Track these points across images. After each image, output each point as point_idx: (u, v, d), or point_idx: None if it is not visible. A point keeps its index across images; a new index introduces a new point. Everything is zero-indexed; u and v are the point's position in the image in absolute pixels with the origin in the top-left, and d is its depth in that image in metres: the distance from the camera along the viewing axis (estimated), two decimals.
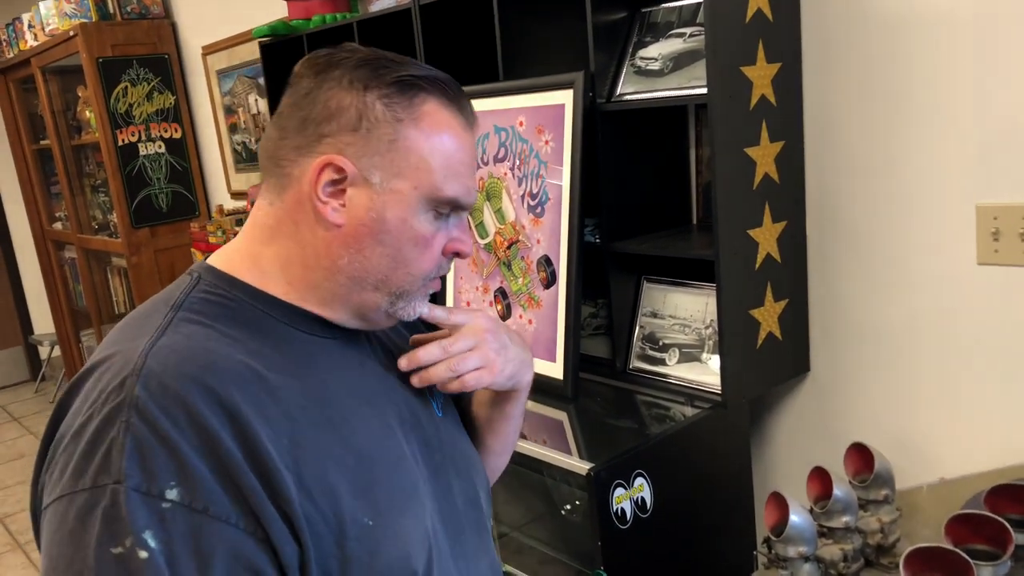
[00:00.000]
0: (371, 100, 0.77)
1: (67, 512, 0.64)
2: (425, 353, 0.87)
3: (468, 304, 1.98)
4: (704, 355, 1.67)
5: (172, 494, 0.64)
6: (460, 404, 1.03)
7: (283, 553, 0.68)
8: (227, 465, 0.66)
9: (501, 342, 0.92)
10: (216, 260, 0.83)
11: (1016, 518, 1.20)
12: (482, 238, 1.92)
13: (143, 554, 0.62)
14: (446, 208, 0.81)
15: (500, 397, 0.99)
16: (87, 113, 4.04)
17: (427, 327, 0.98)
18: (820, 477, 1.37)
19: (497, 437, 1.03)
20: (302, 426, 0.72)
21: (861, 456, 1.42)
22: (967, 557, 1.08)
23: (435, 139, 0.78)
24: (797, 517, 1.26)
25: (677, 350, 1.72)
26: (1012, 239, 1.41)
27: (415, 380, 0.88)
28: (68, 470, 0.66)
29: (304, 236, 0.79)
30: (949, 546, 1.12)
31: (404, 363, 0.87)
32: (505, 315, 1.88)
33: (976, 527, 1.18)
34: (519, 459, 1.60)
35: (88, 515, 0.63)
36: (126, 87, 3.74)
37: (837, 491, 1.31)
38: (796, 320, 1.68)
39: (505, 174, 1.86)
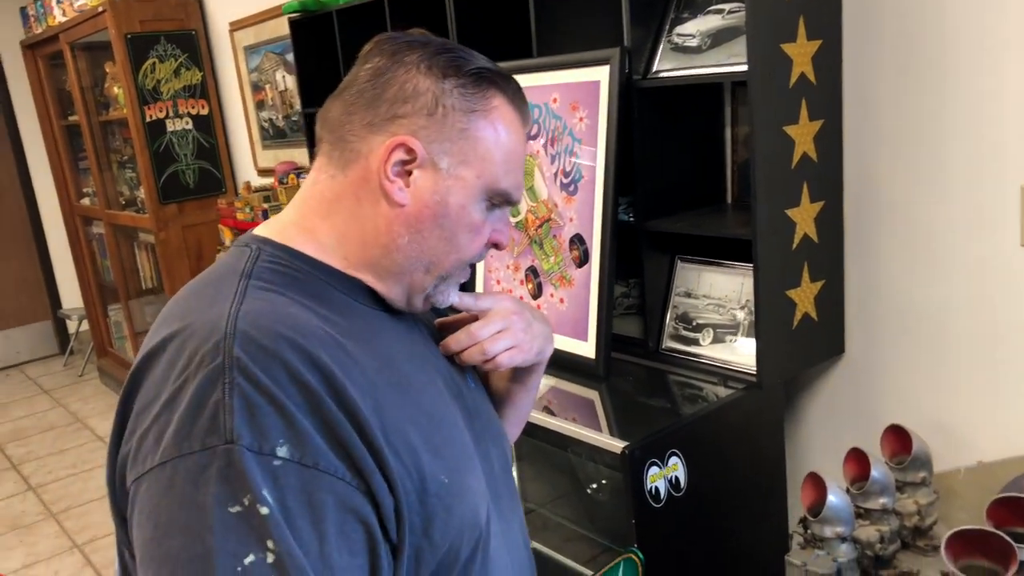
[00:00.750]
0: (448, 88, 0.79)
1: (174, 476, 0.65)
2: (455, 342, 0.91)
3: (499, 283, 1.98)
4: (739, 335, 1.66)
5: (283, 451, 0.65)
6: (483, 378, 1.06)
7: (383, 505, 0.70)
8: (329, 421, 0.68)
9: (526, 320, 0.96)
10: (269, 232, 0.83)
11: None
12: (513, 216, 1.92)
13: (264, 510, 0.63)
14: (499, 199, 0.84)
15: (522, 371, 1.02)
16: (115, 89, 4.06)
17: (452, 310, 1.00)
18: (857, 458, 1.36)
19: (516, 408, 1.07)
20: (380, 388, 0.74)
21: (898, 438, 1.41)
22: (1010, 540, 1.07)
23: (502, 133, 0.82)
24: (835, 497, 1.25)
25: (711, 330, 1.71)
26: None
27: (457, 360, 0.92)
28: (168, 436, 0.66)
29: (365, 212, 0.81)
30: (991, 528, 1.11)
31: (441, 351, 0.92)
32: (536, 294, 1.88)
33: (1017, 510, 1.17)
34: (550, 437, 1.60)
35: (200, 477, 0.64)
36: (154, 63, 3.75)
37: (875, 472, 1.31)
38: (832, 301, 1.67)
39: (538, 152, 1.85)
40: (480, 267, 2.04)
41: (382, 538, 0.70)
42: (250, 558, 0.63)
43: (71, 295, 5.52)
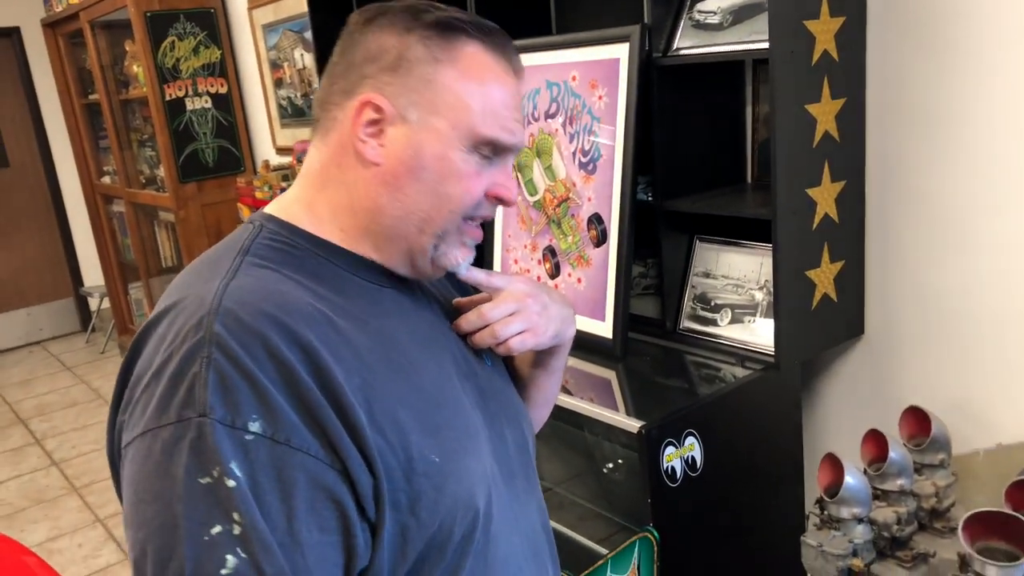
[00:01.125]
0: (412, 41, 0.79)
1: (152, 446, 0.67)
2: (465, 323, 0.90)
3: (516, 262, 1.98)
4: (757, 316, 1.66)
5: (255, 426, 0.66)
6: (504, 357, 1.04)
7: (359, 484, 0.70)
8: (306, 399, 0.68)
9: (542, 303, 0.93)
10: (274, 209, 0.85)
11: None
12: (531, 195, 1.91)
13: (231, 483, 0.64)
14: (486, 149, 0.81)
15: (543, 353, 1.01)
16: (135, 67, 4.08)
17: (474, 289, 1.00)
18: (875, 439, 1.35)
19: (540, 390, 1.05)
20: (371, 367, 0.74)
21: (917, 420, 1.41)
22: None
23: (473, 80, 0.79)
24: (852, 479, 1.25)
25: (729, 310, 1.70)
26: None
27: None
28: (151, 407, 0.68)
29: (348, 179, 0.81)
30: (1009, 511, 1.11)
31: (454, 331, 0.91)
32: (554, 273, 1.88)
33: None
34: (566, 416, 1.61)
35: (174, 447, 0.66)
36: (173, 41, 3.76)
37: (893, 454, 1.30)
38: (852, 282, 1.65)
39: (556, 130, 1.84)
40: (498, 246, 2.04)
41: (357, 517, 0.70)
42: (216, 529, 0.64)
43: (92, 273, 5.57)
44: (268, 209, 0.85)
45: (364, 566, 0.72)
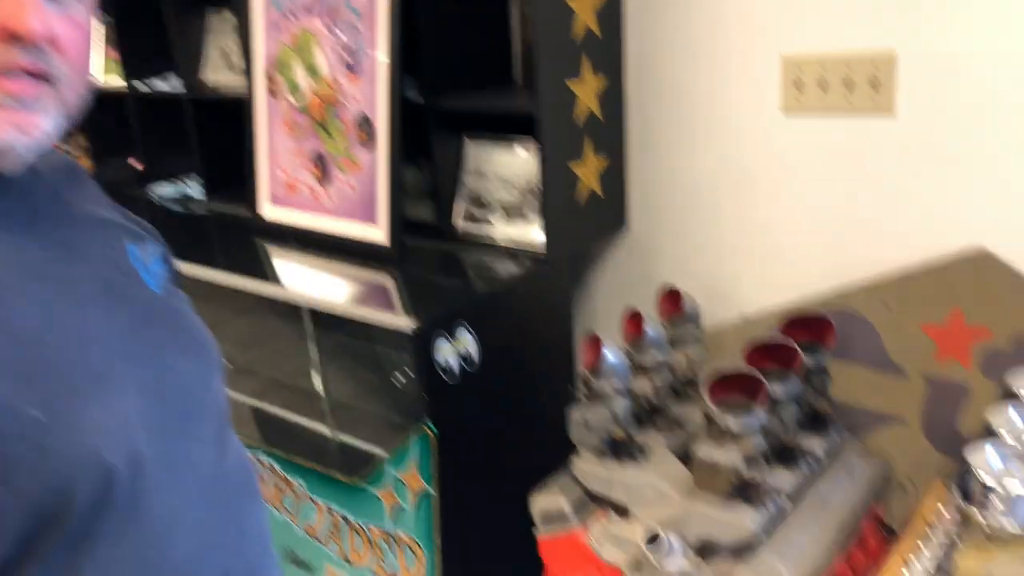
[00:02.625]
0: None
1: None
2: None
3: (284, 172, 1.88)
4: (528, 213, 1.68)
5: None
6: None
7: None
8: None
9: None
10: None
11: (805, 343, 1.31)
12: (295, 99, 1.81)
13: None
14: None
15: None
16: None
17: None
18: (634, 320, 1.43)
19: None
20: None
21: (672, 300, 1.50)
22: (760, 376, 1.17)
23: None
24: (611, 355, 1.31)
25: (501, 209, 1.72)
26: (814, 89, 1.48)
27: None
28: None
29: None
30: (743, 367, 1.21)
31: None
32: (323, 179, 1.80)
33: (770, 353, 1.28)
34: (346, 326, 1.57)
35: None
36: None
37: (649, 330, 1.38)
38: (615, 178, 1.72)
39: (317, 27, 1.74)
40: (263, 156, 1.92)
41: None
42: None
43: None
44: None
45: None
